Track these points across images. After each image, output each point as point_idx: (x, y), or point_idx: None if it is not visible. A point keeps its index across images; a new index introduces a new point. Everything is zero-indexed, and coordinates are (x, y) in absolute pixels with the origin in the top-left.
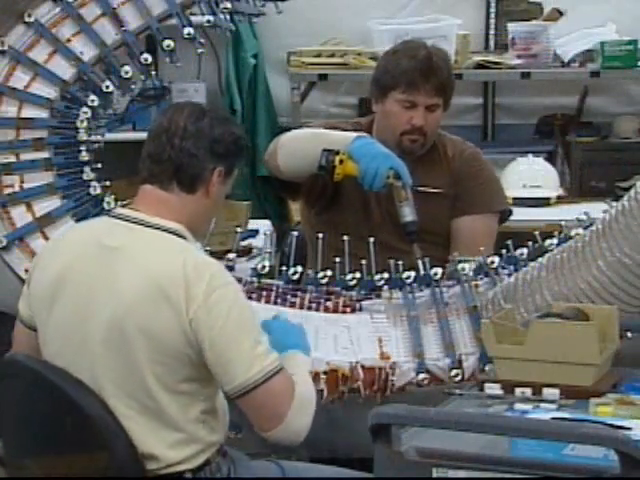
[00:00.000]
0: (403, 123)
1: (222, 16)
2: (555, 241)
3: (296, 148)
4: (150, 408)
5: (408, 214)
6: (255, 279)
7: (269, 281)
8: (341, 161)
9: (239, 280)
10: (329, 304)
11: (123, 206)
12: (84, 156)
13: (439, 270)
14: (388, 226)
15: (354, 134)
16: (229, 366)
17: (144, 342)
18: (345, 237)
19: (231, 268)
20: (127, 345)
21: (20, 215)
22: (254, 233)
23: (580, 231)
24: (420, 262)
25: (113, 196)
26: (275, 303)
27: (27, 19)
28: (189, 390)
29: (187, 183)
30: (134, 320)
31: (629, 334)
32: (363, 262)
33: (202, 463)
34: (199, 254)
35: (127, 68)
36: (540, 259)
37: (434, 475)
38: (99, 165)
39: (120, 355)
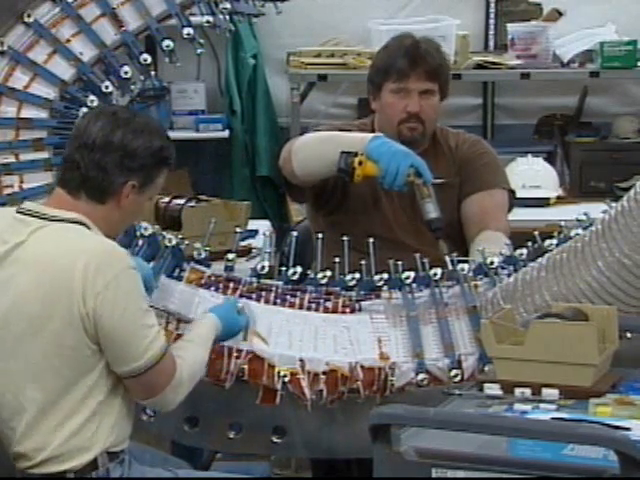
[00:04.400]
0: (399, 112)
1: (221, 16)
2: (555, 241)
3: (311, 152)
4: (41, 401)
5: (432, 211)
6: (254, 279)
7: (268, 281)
8: (360, 162)
9: (238, 281)
10: (329, 304)
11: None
12: None
13: (438, 270)
14: (401, 224)
15: (370, 134)
16: (123, 351)
17: (39, 336)
18: (346, 237)
19: (231, 268)
20: (19, 339)
21: None
22: (253, 233)
23: (579, 231)
24: (447, 258)
25: None
26: (274, 303)
27: (27, 19)
28: (87, 382)
29: (95, 194)
30: (29, 316)
31: (628, 334)
32: (390, 261)
33: (87, 463)
34: (96, 241)
35: (126, 68)
36: (539, 259)
37: (433, 475)
38: None
39: (11, 350)
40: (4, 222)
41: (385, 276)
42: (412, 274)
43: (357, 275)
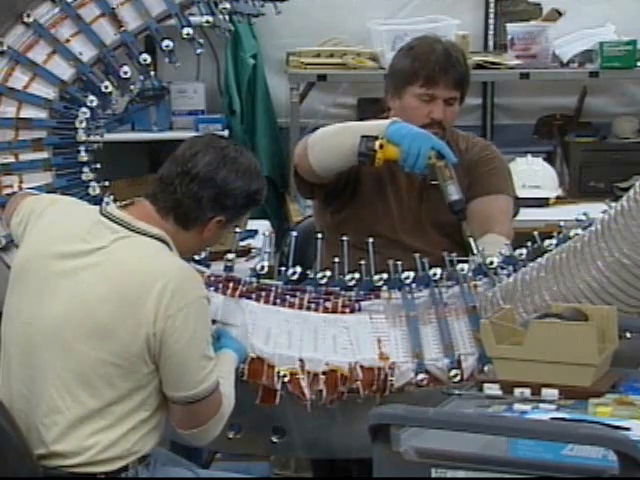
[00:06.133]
0: (422, 117)
1: (221, 16)
2: (554, 241)
3: (329, 144)
4: (89, 406)
5: (454, 192)
6: (254, 279)
7: (268, 281)
8: (381, 146)
9: (237, 281)
10: (328, 304)
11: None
12: (83, 156)
13: (438, 270)
14: (407, 226)
15: (387, 120)
16: (180, 377)
17: (102, 343)
18: (351, 236)
19: (230, 268)
20: (80, 341)
21: None
22: (253, 233)
23: (579, 231)
24: (472, 240)
25: (112, 196)
26: (274, 304)
27: (26, 19)
28: (137, 398)
29: (183, 221)
30: (96, 322)
31: (628, 334)
32: (390, 262)
33: (118, 468)
34: (177, 264)
35: (126, 68)
36: (539, 259)
37: (433, 475)
38: (98, 165)
39: (68, 349)
40: (88, 222)
41: (385, 276)
42: (412, 274)
43: (357, 275)
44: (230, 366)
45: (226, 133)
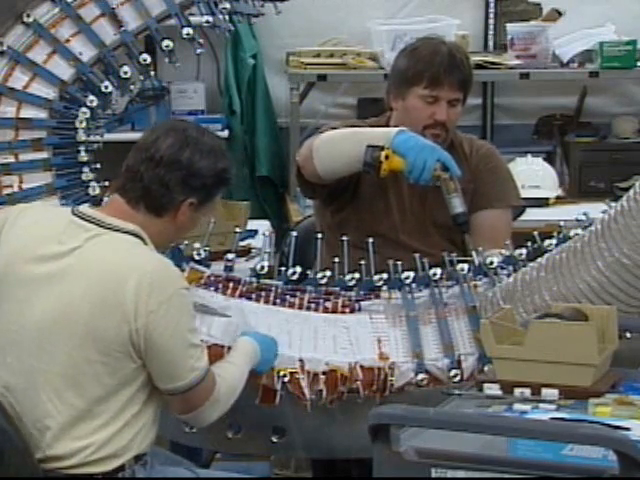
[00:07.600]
0: (425, 118)
1: (221, 16)
2: (554, 241)
3: (334, 149)
4: (78, 407)
5: (458, 205)
6: (254, 279)
7: (268, 281)
8: (387, 156)
9: (237, 281)
10: (328, 304)
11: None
12: (83, 156)
13: (438, 270)
14: (408, 227)
15: (394, 129)
16: (169, 370)
17: (85, 343)
18: (352, 236)
19: (230, 268)
20: (64, 343)
21: None
22: (253, 233)
23: (579, 231)
24: (474, 253)
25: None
26: (274, 303)
27: (26, 19)
28: (126, 393)
29: (154, 208)
30: (76, 322)
31: (628, 334)
32: (390, 262)
33: (115, 468)
34: (152, 258)
35: (126, 68)
36: (539, 259)
37: (433, 475)
38: (98, 165)
39: (53, 352)
40: (62, 223)
41: (385, 276)
42: (412, 274)
43: (357, 275)
44: (241, 351)
45: (226, 133)
